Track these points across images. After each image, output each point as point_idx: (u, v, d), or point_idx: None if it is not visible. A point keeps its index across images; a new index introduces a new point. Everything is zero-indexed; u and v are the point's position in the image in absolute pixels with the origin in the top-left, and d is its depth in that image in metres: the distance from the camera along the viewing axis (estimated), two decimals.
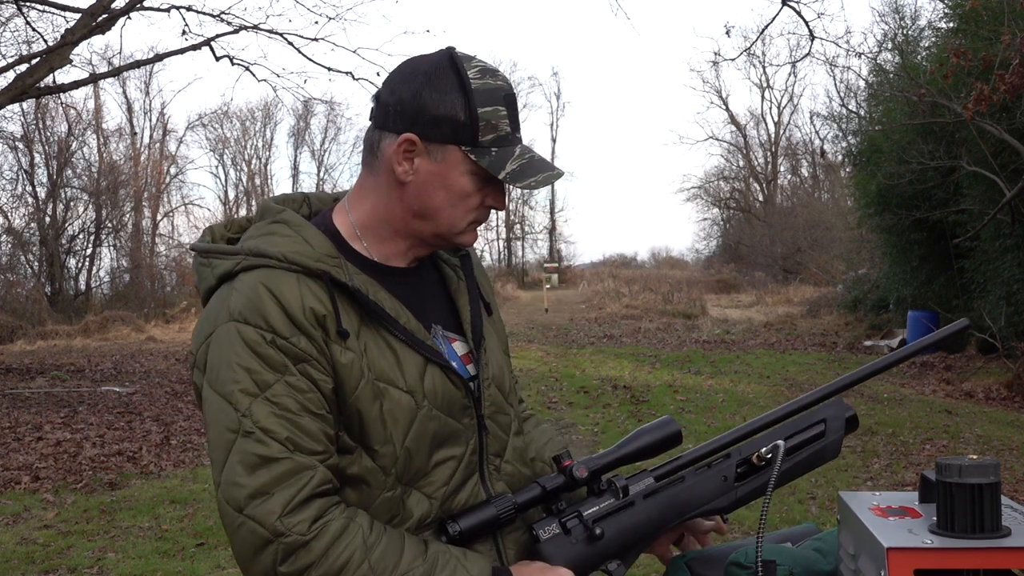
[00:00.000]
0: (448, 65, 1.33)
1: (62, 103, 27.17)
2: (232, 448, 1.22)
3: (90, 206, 28.94)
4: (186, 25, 13.72)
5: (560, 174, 1.40)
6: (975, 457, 0.97)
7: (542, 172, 1.36)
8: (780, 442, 1.26)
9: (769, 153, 42.10)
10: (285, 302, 1.25)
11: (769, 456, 1.27)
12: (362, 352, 1.29)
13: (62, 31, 12.48)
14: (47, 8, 13.22)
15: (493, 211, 1.41)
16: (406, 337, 1.33)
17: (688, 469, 1.36)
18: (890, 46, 15.54)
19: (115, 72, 16.53)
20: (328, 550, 1.19)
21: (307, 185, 41.48)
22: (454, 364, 1.39)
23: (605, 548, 1.27)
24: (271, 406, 1.22)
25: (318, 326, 1.26)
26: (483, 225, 1.49)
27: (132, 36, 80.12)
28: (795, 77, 48.58)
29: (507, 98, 1.35)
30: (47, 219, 27.75)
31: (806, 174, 41.68)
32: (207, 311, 1.32)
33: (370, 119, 1.39)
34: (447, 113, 1.32)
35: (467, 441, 1.38)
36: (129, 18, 13.07)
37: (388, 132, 1.35)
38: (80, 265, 28.76)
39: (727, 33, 41.53)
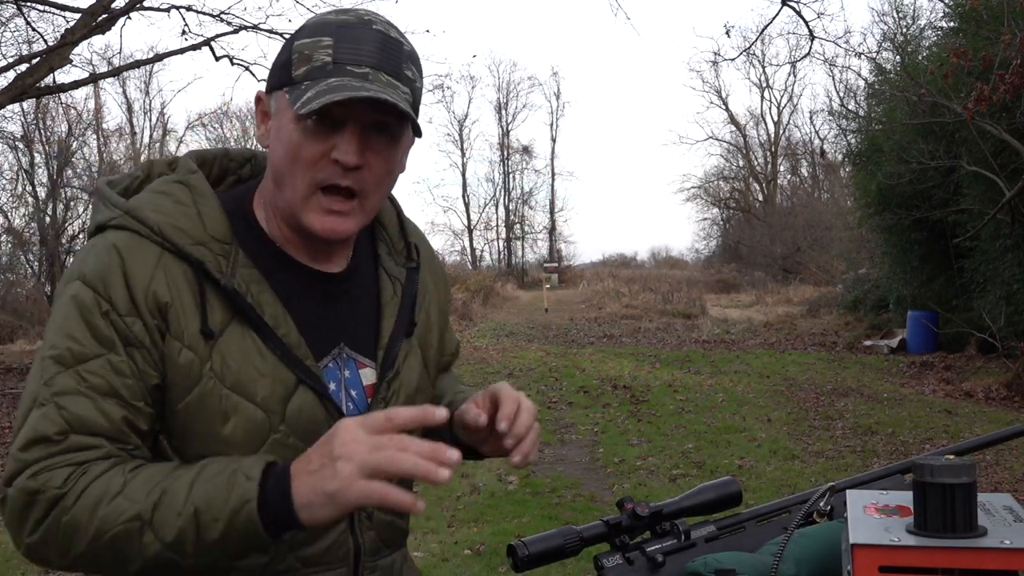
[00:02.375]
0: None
1: (62, 103, 27.22)
2: (27, 418, 1.09)
3: (90, 206, 28.93)
4: (186, 25, 13.72)
5: (366, 94, 1.09)
6: (952, 457, 0.98)
7: (343, 92, 1.09)
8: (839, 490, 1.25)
9: (769, 153, 42.14)
10: (131, 278, 1.10)
11: (829, 509, 1.28)
12: (219, 355, 1.13)
13: (62, 31, 12.49)
14: (47, 8, 13.23)
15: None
16: (278, 349, 1.15)
17: (750, 522, 1.36)
18: (890, 46, 15.56)
19: (115, 72, 16.54)
20: (82, 493, 1.05)
21: None
22: (353, 393, 1.23)
23: None
24: (78, 381, 1.08)
25: (158, 314, 1.11)
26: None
27: (132, 36, 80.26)
28: (795, 77, 48.66)
29: (342, 30, 1.13)
30: (47, 219, 27.77)
31: (806, 174, 41.75)
32: (72, 261, 1.18)
33: None
34: (278, 58, 1.17)
35: None
36: (129, 18, 13.08)
37: None
38: None
39: (727, 33, 41.50)
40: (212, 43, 13.85)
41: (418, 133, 1.20)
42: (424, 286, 1.35)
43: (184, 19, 13.60)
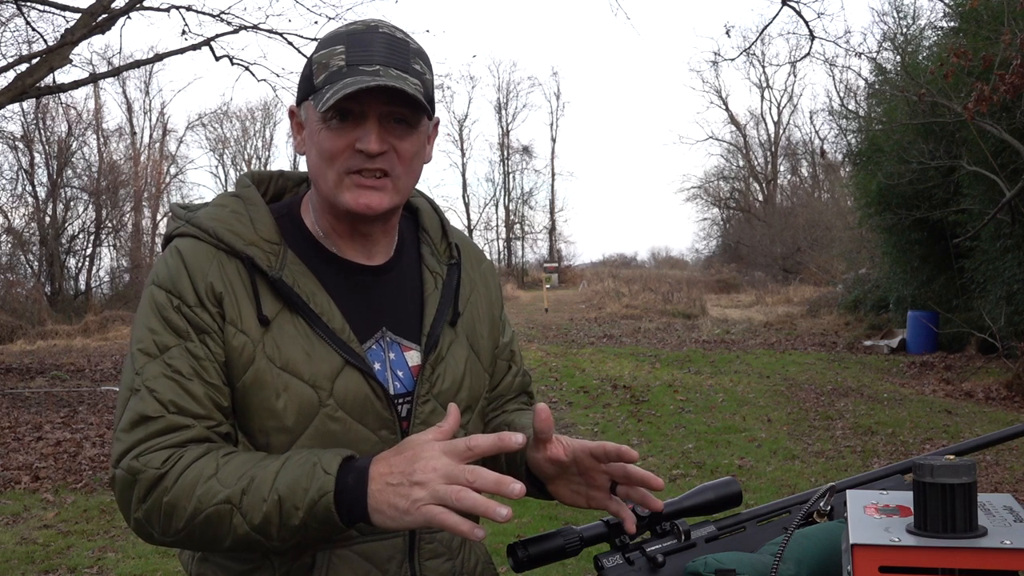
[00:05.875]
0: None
1: (62, 103, 27.24)
2: (126, 406, 1.24)
3: (90, 206, 28.98)
4: (186, 25, 13.73)
5: (374, 84, 1.21)
6: (952, 458, 0.98)
7: (355, 86, 1.22)
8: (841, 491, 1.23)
9: (769, 153, 42.12)
10: (193, 274, 1.27)
11: (829, 509, 1.27)
12: (271, 340, 1.27)
13: (62, 31, 12.49)
14: (47, 8, 13.23)
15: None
16: (324, 333, 1.29)
17: (750, 522, 1.36)
18: (890, 46, 15.56)
19: (115, 72, 16.54)
20: (181, 475, 1.19)
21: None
22: (400, 372, 1.35)
23: None
24: (164, 367, 1.24)
25: (216, 303, 1.26)
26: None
27: (132, 36, 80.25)
28: (795, 77, 48.67)
29: (352, 36, 1.28)
30: (47, 219, 27.77)
31: (806, 174, 41.73)
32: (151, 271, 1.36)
33: None
34: (301, 75, 1.33)
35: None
36: (129, 18, 13.08)
37: None
38: (80, 265, 28.80)
39: (727, 33, 41.53)
40: (212, 43, 13.85)
41: (431, 116, 1.33)
42: (471, 283, 1.47)
43: (184, 19, 13.62)
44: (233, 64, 14.21)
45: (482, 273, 1.51)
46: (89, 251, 28.75)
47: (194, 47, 13.88)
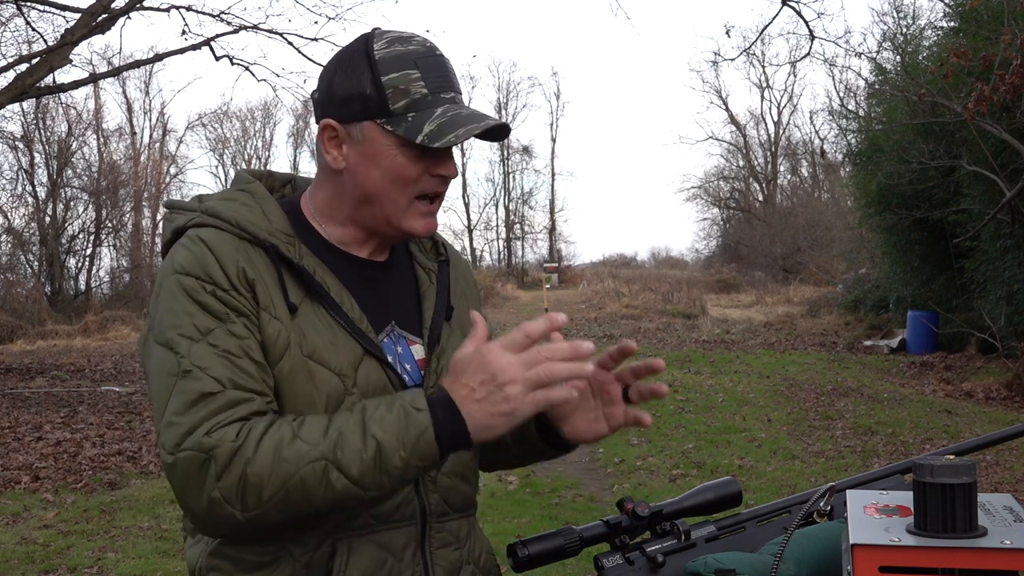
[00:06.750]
0: (359, 44, 1.31)
1: (62, 103, 27.24)
2: (172, 391, 1.19)
3: (90, 206, 28.99)
4: (186, 25, 13.73)
5: (494, 123, 1.29)
6: (952, 458, 0.98)
7: (466, 125, 1.27)
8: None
9: (769, 153, 42.12)
10: (223, 261, 1.26)
11: (829, 509, 1.27)
12: (298, 327, 1.28)
13: (62, 31, 12.49)
14: (47, 8, 13.23)
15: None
16: (345, 323, 1.31)
17: (750, 522, 1.36)
18: (890, 46, 15.57)
19: (115, 72, 16.55)
20: (259, 443, 1.16)
21: None
22: (407, 366, 1.37)
23: None
24: (211, 348, 1.21)
25: (249, 289, 1.26)
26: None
27: (132, 36, 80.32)
28: (795, 77, 48.64)
29: (421, 60, 1.29)
30: (47, 219, 27.78)
31: (806, 174, 41.74)
32: (160, 267, 1.32)
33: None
34: (354, 90, 1.29)
35: None
36: (129, 18, 13.09)
37: (317, 124, 1.35)
38: (80, 265, 28.81)
39: (727, 33, 41.64)
40: (212, 43, 13.85)
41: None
42: (455, 281, 1.51)
43: (184, 19, 13.62)
44: (233, 64, 14.22)
45: (462, 271, 1.55)
46: (89, 251, 28.78)
47: (194, 47, 13.88)
